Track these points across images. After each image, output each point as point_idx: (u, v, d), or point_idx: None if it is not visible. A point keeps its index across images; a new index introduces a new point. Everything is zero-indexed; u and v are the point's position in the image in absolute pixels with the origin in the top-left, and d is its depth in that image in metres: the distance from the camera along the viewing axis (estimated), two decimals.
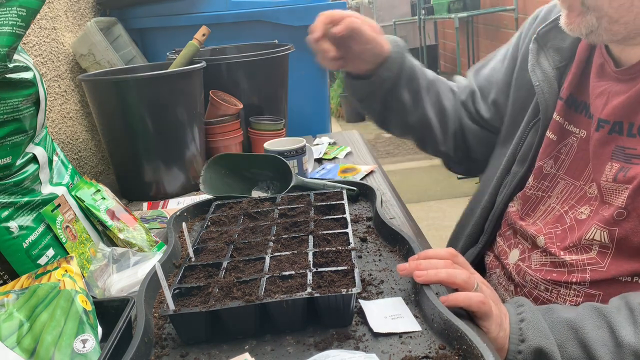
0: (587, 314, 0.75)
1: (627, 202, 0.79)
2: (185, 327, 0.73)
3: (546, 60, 0.95)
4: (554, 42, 0.95)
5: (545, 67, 0.95)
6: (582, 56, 0.92)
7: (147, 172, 1.34)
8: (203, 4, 1.85)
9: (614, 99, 0.83)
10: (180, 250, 0.99)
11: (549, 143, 0.94)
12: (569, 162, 0.91)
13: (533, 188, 0.96)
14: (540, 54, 0.96)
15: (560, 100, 0.93)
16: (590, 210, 0.85)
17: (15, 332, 0.67)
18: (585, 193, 0.87)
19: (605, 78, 0.87)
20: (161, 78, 1.29)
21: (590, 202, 0.86)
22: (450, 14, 3.95)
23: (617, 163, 0.82)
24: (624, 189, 0.80)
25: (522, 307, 0.77)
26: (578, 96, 0.92)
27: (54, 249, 0.89)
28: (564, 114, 0.93)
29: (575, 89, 0.92)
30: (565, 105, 0.93)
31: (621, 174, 0.80)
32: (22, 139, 0.87)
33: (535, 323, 0.74)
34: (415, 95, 1.10)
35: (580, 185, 0.89)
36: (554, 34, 0.95)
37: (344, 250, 0.83)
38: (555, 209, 0.92)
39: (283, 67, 1.65)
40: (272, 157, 1.20)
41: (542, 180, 0.95)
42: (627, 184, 0.79)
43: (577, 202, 0.88)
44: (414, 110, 1.11)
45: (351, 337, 0.71)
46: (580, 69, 0.92)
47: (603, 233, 0.81)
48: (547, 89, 0.94)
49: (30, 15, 0.81)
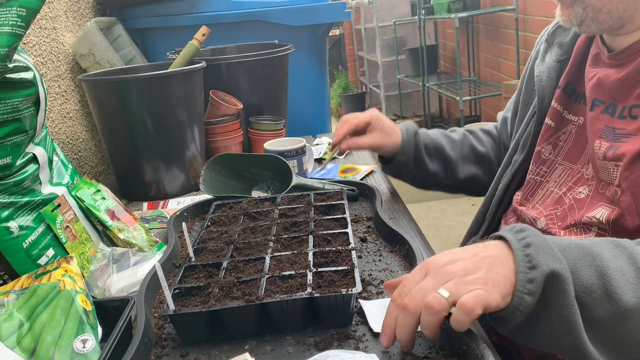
0: (602, 243, 0.65)
1: (619, 180, 0.80)
2: (185, 327, 0.73)
3: (550, 55, 1.00)
4: (558, 39, 1.00)
5: (547, 61, 1.00)
6: (580, 48, 0.96)
7: (147, 172, 1.34)
8: (203, 4, 1.85)
9: (606, 82, 0.87)
10: (180, 250, 0.99)
11: (547, 129, 0.97)
12: (567, 148, 0.94)
13: (532, 172, 0.99)
14: (547, 52, 1.02)
15: (559, 89, 0.97)
16: (589, 190, 0.87)
17: (15, 332, 0.67)
18: (582, 175, 0.89)
19: (599, 65, 0.90)
20: (161, 78, 1.29)
21: (588, 182, 0.88)
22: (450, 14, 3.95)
23: (605, 142, 0.84)
24: (613, 167, 0.81)
25: (523, 232, 0.64)
26: (577, 86, 0.95)
27: (54, 249, 0.89)
28: (562, 102, 0.96)
29: (573, 78, 0.96)
30: (564, 93, 0.96)
31: (610, 151, 0.82)
32: (22, 139, 0.87)
33: (543, 246, 0.62)
34: (445, 163, 1.19)
35: (578, 168, 0.91)
36: (559, 31, 1.01)
37: (344, 250, 0.83)
38: (554, 192, 0.94)
39: (283, 67, 1.65)
40: (272, 157, 1.20)
41: (541, 165, 0.97)
42: (616, 161, 0.81)
43: (574, 183, 0.90)
44: (451, 175, 1.20)
45: (351, 337, 0.71)
46: (579, 60, 0.96)
47: (605, 213, 0.82)
48: (545, 78, 0.98)
49: (30, 15, 0.81)
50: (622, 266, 0.62)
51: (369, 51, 6.04)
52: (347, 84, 6.54)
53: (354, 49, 6.81)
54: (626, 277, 0.61)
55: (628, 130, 0.82)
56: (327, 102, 2.16)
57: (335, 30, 6.63)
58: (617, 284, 0.60)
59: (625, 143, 0.81)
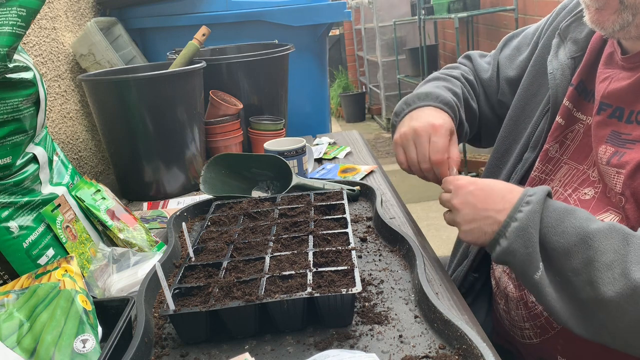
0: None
1: (623, 188, 0.79)
2: (185, 327, 0.73)
3: (564, 51, 0.98)
4: (572, 35, 0.98)
5: (561, 57, 0.98)
6: (595, 46, 0.94)
7: (147, 172, 1.34)
8: (203, 4, 1.85)
9: (616, 84, 0.85)
10: (180, 250, 0.99)
11: (557, 127, 0.95)
12: (574, 147, 0.93)
13: (537, 170, 0.97)
14: (560, 47, 0.99)
15: (571, 87, 0.95)
16: (595, 192, 0.86)
17: (15, 332, 0.67)
18: (589, 176, 0.88)
19: (612, 66, 0.88)
20: (161, 78, 1.29)
21: (594, 184, 0.87)
22: (450, 14, 3.95)
23: (611, 147, 0.83)
24: (615, 173, 0.81)
25: (529, 205, 0.76)
26: (588, 84, 0.94)
27: (54, 249, 0.89)
28: (573, 100, 0.95)
29: (585, 77, 0.94)
30: (576, 91, 0.95)
31: (615, 157, 0.81)
32: (22, 139, 0.87)
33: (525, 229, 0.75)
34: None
35: (584, 169, 0.90)
36: (574, 26, 0.98)
37: (344, 250, 0.83)
38: (559, 192, 0.93)
39: (283, 67, 1.65)
40: (272, 157, 1.20)
41: (547, 163, 0.96)
42: (619, 168, 0.80)
43: (580, 184, 0.89)
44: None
45: (351, 337, 0.71)
46: (592, 58, 0.94)
47: (615, 219, 0.81)
48: (559, 76, 0.96)
49: (30, 15, 0.81)
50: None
51: (369, 51, 6.04)
52: (347, 84, 6.55)
53: (354, 49, 6.81)
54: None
55: (633, 137, 0.80)
56: (327, 102, 2.16)
57: (335, 30, 6.64)
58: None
59: (630, 150, 0.80)
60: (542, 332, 0.89)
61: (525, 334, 0.93)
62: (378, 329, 0.72)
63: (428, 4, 4.30)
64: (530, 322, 0.91)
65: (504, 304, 0.98)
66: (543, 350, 0.91)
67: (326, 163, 1.50)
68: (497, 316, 1.03)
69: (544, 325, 0.89)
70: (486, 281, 1.12)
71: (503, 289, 0.98)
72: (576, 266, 0.71)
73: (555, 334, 0.87)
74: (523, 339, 0.94)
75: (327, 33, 2.04)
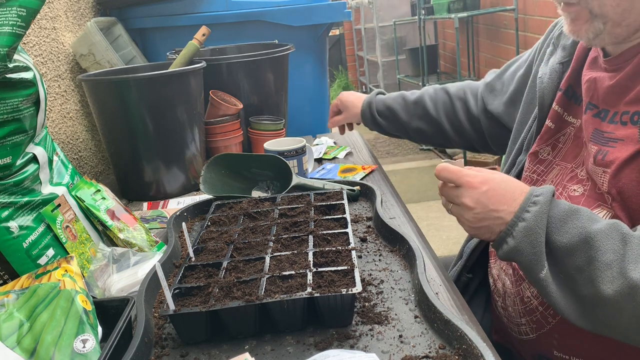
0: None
1: (609, 187, 0.81)
2: (185, 327, 0.73)
3: (554, 58, 1.01)
4: (562, 41, 1.01)
5: (551, 63, 1.01)
6: (581, 51, 0.97)
7: (147, 172, 1.34)
8: (203, 4, 1.85)
9: (599, 87, 0.88)
10: (180, 250, 0.99)
11: (547, 130, 0.97)
12: (566, 150, 0.95)
13: (528, 170, 0.99)
14: (552, 54, 1.03)
15: (560, 92, 0.97)
16: (584, 189, 0.88)
17: (15, 332, 0.67)
18: (577, 175, 0.90)
19: (596, 69, 0.91)
20: (161, 78, 1.29)
21: (583, 182, 0.88)
22: (450, 14, 3.95)
23: (594, 145, 0.85)
24: (602, 172, 0.82)
25: (536, 205, 0.77)
26: (577, 89, 0.96)
27: (54, 249, 0.89)
28: (563, 104, 0.97)
29: (574, 81, 0.97)
30: (565, 96, 0.97)
31: (599, 156, 0.83)
32: (22, 139, 0.87)
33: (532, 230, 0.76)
34: (397, 124, 1.42)
35: (572, 167, 0.92)
36: (564, 34, 1.01)
37: (344, 250, 0.83)
38: None
39: (283, 67, 1.65)
40: (272, 157, 1.20)
41: (538, 164, 0.98)
42: (605, 167, 0.81)
43: (568, 181, 0.91)
44: (402, 130, 1.43)
45: (351, 337, 0.71)
46: (579, 62, 0.96)
47: (608, 215, 0.82)
48: (546, 80, 0.99)
49: (30, 15, 0.81)
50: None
51: (369, 51, 6.04)
52: (347, 84, 6.55)
53: (354, 49, 6.81)
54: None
55: (616, 135, 0.82)
56: (327, 102, 2.16)
57: (335, 30, 6.63)
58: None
59: (613, 149, 0.81)
60: (538, 327, 0.91)
61: (522, 330, 0.94)
62: (378, 329, 0.72)
63: (428, 4, 4.30)
64: (526, 317, 0.92)
65: (501, 302, 0.99)
66: (539, 345, 0.92)
67: (326, 163, 1.50)
68: (496, 314, 1.04)
69: (539, 320, 0.90)
70: (482, 281, 1.13)
71: (500, 286, 0.99)
72: (579, 264, 0.73)
73: (550, 329, 0.89)
74: (520, 335, 0.95)
75: (327, 33, 2.04)
